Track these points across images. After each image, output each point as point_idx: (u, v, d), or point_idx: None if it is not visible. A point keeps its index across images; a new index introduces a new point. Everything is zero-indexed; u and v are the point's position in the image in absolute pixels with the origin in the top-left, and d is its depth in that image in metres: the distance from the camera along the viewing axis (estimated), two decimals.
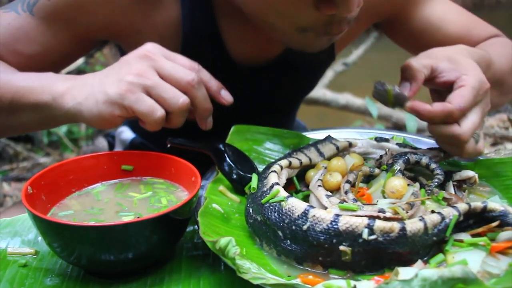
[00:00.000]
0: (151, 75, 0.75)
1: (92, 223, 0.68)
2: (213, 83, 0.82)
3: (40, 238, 0.77)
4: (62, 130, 3.34)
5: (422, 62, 0.79)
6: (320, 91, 3.36)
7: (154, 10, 0.96)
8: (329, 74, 3.72)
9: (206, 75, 0.82)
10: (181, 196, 0.76)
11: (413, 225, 0.62)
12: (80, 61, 3.37)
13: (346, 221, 0.62)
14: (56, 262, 0.72)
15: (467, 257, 0.62)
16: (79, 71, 3.37)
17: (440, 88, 0.81)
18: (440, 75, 0.79)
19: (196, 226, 0.77)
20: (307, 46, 0.88)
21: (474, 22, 1.11)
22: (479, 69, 0.80)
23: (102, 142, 3.05)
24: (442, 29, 1.07)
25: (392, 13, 1.08)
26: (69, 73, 3.20)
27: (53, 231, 0.65)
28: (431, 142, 0.93)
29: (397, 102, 0.77)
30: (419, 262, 0.63)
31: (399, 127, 3.07)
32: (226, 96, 0.84)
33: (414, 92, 0.78)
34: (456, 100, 0.75)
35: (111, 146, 1.46)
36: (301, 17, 0.80)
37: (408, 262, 0.63)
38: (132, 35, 0.98)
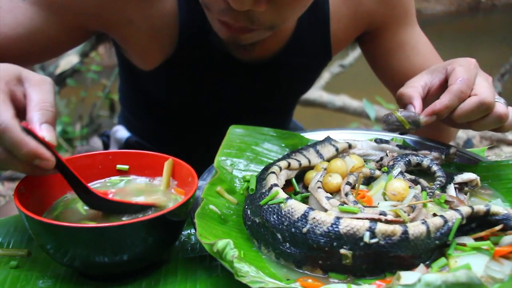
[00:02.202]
0: None
1: (86, 223, 0.66)
2: (20, 154, 0.61)
3: (32, 239, 0.75)
4: (56, 129, 3.31)
5: (410, 85, 0.81)
6: (316, 93, 3.36)
7: (148, 0, 0.95)
8: (325, 76, 3.71)
9: (11, 140, 0.60)
10: (177, 197, 0.75)
11: (416, 228, 0.61)
12: (75, 60, 3.34)
13: (347, 224, 0.61)
14: (49, 264, 0.71)
15: (470, 262, 0.61)
16: (74, 71, 3.35)
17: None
18: (431, 84, 0.82)
19: (193, 228, 0.76)
20: (215, 27, 0.88)
21: (436, 59, 1.14)
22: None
23: (97, 142, 3.03)
24: (410, 58, 1.11)
25: (378, 26, 1.10)
26: (63, 72, 3.18)
27: (46, 232, 0.63)
28: (431, 144, 0.92)
29: (413, 122, 0.78)
30: (421, 266, 0.61)
31: None
32: (42, 165, 0.63)
33: (421, 107, 0.79)
34: (454, 78, 0.78)
35: (106, 145, 1.44)
36: None
37: (410, 266, 0.61)
38: (123, 25, 0.97)
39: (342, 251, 0.61)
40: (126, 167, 0.79)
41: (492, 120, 0.77)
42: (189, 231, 0.77)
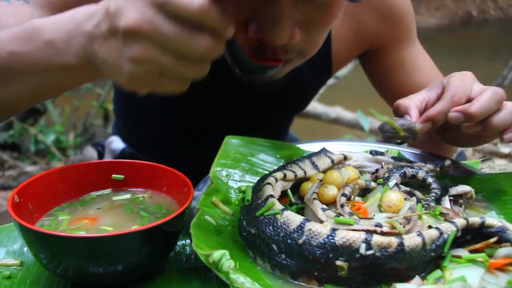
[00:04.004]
0: (155, 54, 0.58)
1: (81, 233, 0.66)
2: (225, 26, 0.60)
3: (25, 248, 0.75)
4: (50, 138, 3.30)
5: (409, 97, 0.83)
6: (311, 104, 3.36)
7: None
8: None
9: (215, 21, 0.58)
10: (173, 207, 0.74)
11: (411, 240, 0.61)
12: None
13: (343, 236, 0.61)
14: (42, 274, 0.70)
15: (466, 274, 0.61)
16: None
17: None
18: (429, 98, 0.83)
19: (187, 239, 0.75)
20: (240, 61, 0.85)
21: (437, 76, 1.15)
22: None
23: (90, 151, 3.02)
24: (412, 75, 1.12)
25: (380, 45, 1.11)
26: None
27: (40, 242, 0.62)
28: (426, 156, 0.93)
29: (408, 130, 0.79)
30: (417, 278, 0.61)
31: None
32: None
33: (417, 117, 0.80)
34: (448, 87, 0.79)
35: (101, 155, 1.43)
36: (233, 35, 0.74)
37: (406, 278, 0.61)
38: None
39: (338, 262, 0.61)
40: (122, 177, 0.78)
41: (508, 112, 0.77)
42: (184, 242, 0.77)
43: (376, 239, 0.60)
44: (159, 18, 0.56)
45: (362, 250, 0.60)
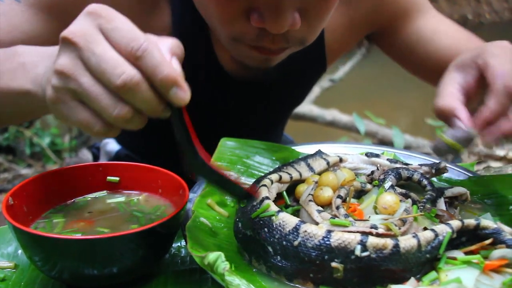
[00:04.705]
0: (78, 74, 0.56)
1: (75, 236, 0.66)
2: (161, 76, 0.56)
3: (19, 251, 0.74)
4: (45, 141, 3.29)
5: (445, 94, 0.72)
6: (306, 107, 3.37)
7: (150, 12, 0.94)
8: (316, 90, 3.74)
9: (153, 60, 0.55)
10: (168, 209, 0.74)
11: (407, 242, 0.61)
12: None
13: (339, 237, 0.61)
14: (37, 277, 0.70)
15: (461, 275, 0.61)
16: None
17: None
18: (467, 85, 0.73)
19: (183, 241, 0.75)
20: (243, 57, 0.86)
21: (464, 36, 1.12)
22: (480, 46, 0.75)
23: (86, 154, 3.01)
24: (435, 41, 1.07)
25: (384, 24, 1.08)
26: None
27: (35, 244, 0.62)
28: (422, 158, 0.93)
29: (466, 141, 0.70)
30: (412, 280, 0.61)
31: (385, 143, 3.09)
32: (177, 96, 0.58)
33: (467, 117, 0.70)
34: (492, 75, 0.69)
35: (96, 158, 1.43)
36: (234, 25, 0.78)
37: (401, 280, 0.61)
38: None
39: (333, 264, 0.61)
40: (117, 179, 0.78)
41: None
42: (179, 244, 0.76)
43: (372, 240, 0.60)
44: (96, 34, 0.56)
45: (358, 251, 0.60)
